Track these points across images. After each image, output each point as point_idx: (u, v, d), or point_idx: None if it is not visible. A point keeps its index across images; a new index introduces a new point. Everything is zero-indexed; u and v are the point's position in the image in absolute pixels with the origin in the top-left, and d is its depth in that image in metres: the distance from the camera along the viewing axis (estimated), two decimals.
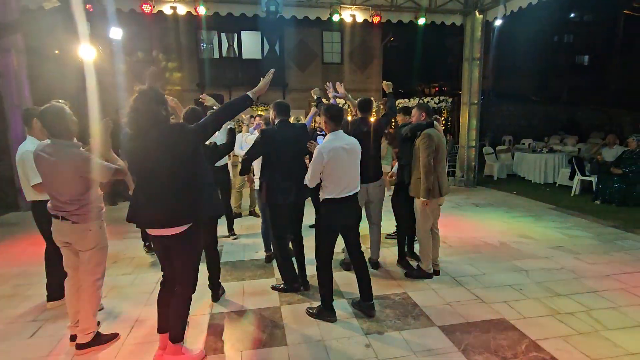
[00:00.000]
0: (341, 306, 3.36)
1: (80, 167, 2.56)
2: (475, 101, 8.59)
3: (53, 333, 3.03)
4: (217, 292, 3.55)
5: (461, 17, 8.51)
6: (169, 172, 2.28)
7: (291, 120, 3.96)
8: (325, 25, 8.86)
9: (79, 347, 2.74)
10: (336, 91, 4.15)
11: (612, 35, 22.22)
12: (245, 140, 5.20)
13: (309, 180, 3.03)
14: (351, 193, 3.05)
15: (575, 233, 5.37)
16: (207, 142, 3.44)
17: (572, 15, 27.47)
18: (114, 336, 2.95)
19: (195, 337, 2.92)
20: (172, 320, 2.52)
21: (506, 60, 23.29)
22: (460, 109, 8.89)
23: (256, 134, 4.13)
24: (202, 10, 7.38)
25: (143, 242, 4.88)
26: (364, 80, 15.57)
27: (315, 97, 4.22)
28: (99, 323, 2.98)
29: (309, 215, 3.89)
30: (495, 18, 7.97)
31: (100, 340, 2.85)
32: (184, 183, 2.34)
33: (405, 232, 4.23)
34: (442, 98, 10.07)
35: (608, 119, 17.78)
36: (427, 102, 9.95)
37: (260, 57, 14.72)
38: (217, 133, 3.22)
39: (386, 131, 4.79)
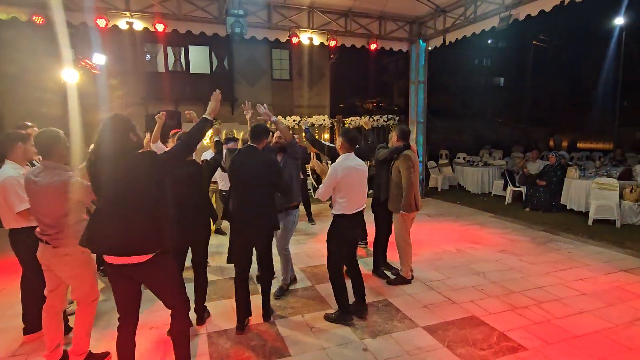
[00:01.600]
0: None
1: (65, 188, 2.60)
2: (422, 120, 9.42)
3: None
4: (202, 315, 3.54)
5: (407, 44, 9.35)
6: (138, 199, 2.24)
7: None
8: (274, 42, 9.08)
9: None
10: (257, 113, 3.79)
11: (523, 60, 25.38)
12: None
13: (321, 194, 3.30)
14: (360, 209, 3.40)
15: (514, 238, 6.16)
16: (199, 161, 3.53)
17: (489, 41, 30.94)
18: (105, 355, 2.99)
19: (202, 357, 2.98)
20: (179, 344, 2.51)
21: (436, 79, 25.49)
22: (409, 126, 9.66)
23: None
24: (160, 27, 7.30)
25: (97, 266, 4.70)
26: (313, 97, 16.08)
27: (305, 128, 4.28)
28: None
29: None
30: (436, 47, 8.89)
31: (94, 359, 2.88)
32: (151, 211, 2.27)
33: (382, 244, 4.60)
34: (390, 116, 10.81)
35: (524, 135, 20.21)
36: (377, 119, 10.63)
37: (209, 72, 14.59)
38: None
39: None
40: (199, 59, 14.47)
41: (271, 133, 5.46)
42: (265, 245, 3.42)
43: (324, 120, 10.49)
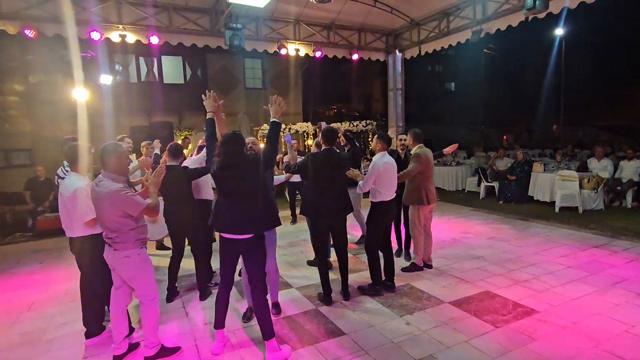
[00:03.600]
0: (367, 300, 4.05)
1: (113, 199, 2.80)
2: (401, 124, 10.13)
3: None
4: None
5: (384, 54, 10.05)
6: (254, 189, 3.02)
7: None
8: (247, 52, 9.32)
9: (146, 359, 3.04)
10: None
11: (476, 68, 27.33)
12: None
13: (363, 185, 3.98)
14: (394, 196, 4.11)
15: (498, 226, 6.92)
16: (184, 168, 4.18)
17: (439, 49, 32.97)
18: (176, 350, 3.22)
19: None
20: (262, 318, 3.05)
21: None
22: (388, 131, 10.34)
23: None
24: (154, 40, 7.41)
25: None
26: (287, 105, 16.39)
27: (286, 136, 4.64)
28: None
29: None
30: (413, 57, 9.66)
31: (165, 352, 3.13)
32: (262, 197, 3.06)
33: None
34: (368, 122, 11.44)
35: (481, 136, 21.80)
36: (356, 125, 11.22)
37: (183, 82, 14.56)
38: (191, 159, 4.35)
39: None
40: (172, 70, 14.40)
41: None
42: (342, 229, 4.01)
43: (307, 126, 10.91)
